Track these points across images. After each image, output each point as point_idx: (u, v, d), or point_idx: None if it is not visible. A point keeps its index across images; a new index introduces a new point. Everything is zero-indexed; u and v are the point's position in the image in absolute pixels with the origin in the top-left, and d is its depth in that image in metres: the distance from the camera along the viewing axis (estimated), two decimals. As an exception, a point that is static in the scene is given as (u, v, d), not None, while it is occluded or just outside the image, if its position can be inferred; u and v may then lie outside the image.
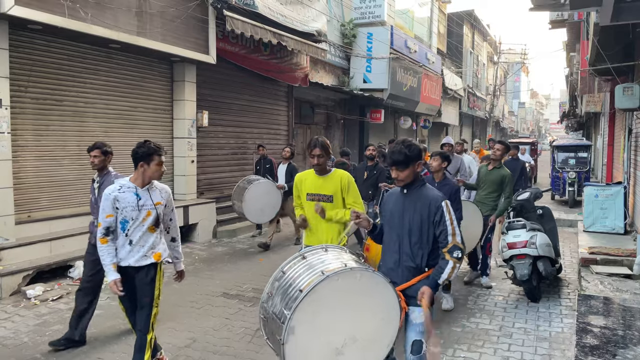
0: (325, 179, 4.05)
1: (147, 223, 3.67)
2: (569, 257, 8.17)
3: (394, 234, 3.12)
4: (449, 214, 2.99)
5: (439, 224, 2.99)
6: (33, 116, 7.00)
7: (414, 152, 3.00)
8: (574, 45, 18.58)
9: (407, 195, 3.10)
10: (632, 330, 4.62)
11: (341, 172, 4.09)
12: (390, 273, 3.11)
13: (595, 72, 11.18)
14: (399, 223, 3.10)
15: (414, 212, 3.05)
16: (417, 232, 3.04)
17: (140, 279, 3.69)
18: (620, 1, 4.89)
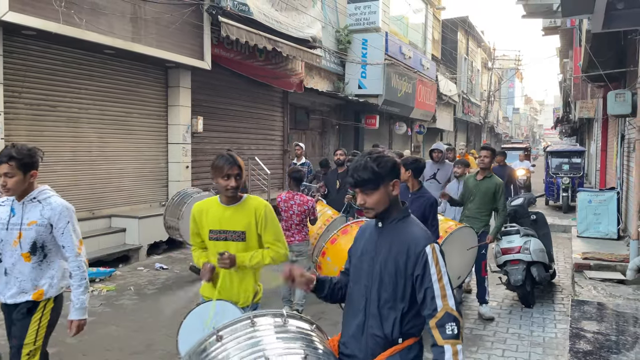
0: (235, 209, 3.00)
1: (19, 248, 2.91)
2: (562, 262, 8.20)
3: (361, 286, 2.17)
4: (436, 265, 2.05)
5: (421, 280, 2.04)
6: (27, 122, 6.98)
7: (386, 166, 2.09)
8: (567, 52, 18.73)
9: (381, 231, 2.18)
10: (625, 336, 4.64)
11: (256, 200, 3.10)
12: (350, 343, 2.18)
13: (588, 79, 11.28)
14: (369, 271, 2.15)
15: (387, 256, 2.12)
16: (390, 287, 2.09)
17: (16, 319, 2.94)
18: (611, 9, 4.94)
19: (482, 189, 5.66)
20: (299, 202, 5.41)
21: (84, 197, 7.76)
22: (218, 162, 2.95)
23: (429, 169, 7.49)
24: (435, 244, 2.11)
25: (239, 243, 3.01)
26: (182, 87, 9.29)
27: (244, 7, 9.52)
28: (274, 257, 3.06)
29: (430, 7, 22.26)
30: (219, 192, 3.10)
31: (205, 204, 3.12)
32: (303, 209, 5.39)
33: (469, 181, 5.86)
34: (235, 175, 2.93)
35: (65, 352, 4.60)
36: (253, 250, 3.04)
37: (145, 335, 4.97)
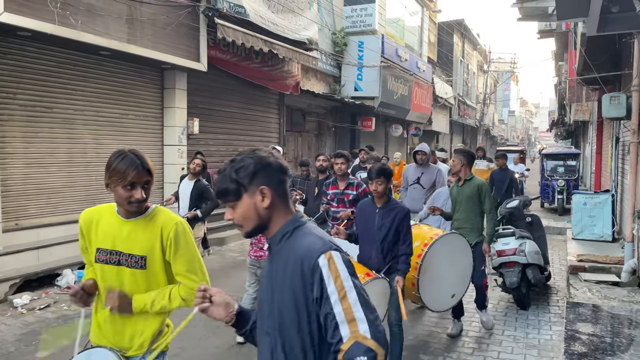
0: (135, 225, 2.26)
1: None
2: (557, 264, 8.22)
3: (264, 337, 1.69)
4: (336, 279, 1.51)
5: (320, 305, 1.53)
6: (22, 123, 6.95)
7: (246, 172, 1.63)
8: (563, 55, 18.81)
9: (272, 258, 1.69)
10: (619, 338, 4.65)
11: (165, 214, 2.31)
12: None
13: (583, 82, 11.33)
14: (269, 314, 1.66)
15: (283, 287, 1.60)
16: (293, 328, 1.59)
17: None
18: (606, 12, 4.96)
19: (465, 194, 5.15)
20: None
21: (80, 199, 7.73)
22: (118, 165, 2.18)
23: (413, 172, 7.12)
24: (335, 250, 1.56)
25: (136, 271, 2.24)
26: (178, 88, 9.28)
27: (240, 9, 9.53)
28: (186, 296, 2.25)
29: (427, 10, 22.33)
30: None
31: (96, 213, 2.36)
32: None
33: (453, 190, 5.37)
34: (144, 183, 2.20)
35: (60, 354, 4.56)
36: (156, 282, 2.29)
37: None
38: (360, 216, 4.30)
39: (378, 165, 4.17)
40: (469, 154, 5.32)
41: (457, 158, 5.28)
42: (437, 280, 4.61)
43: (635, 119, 6.77)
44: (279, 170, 1.68)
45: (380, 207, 4.11)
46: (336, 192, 5.59)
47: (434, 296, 4.61)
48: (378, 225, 4.06)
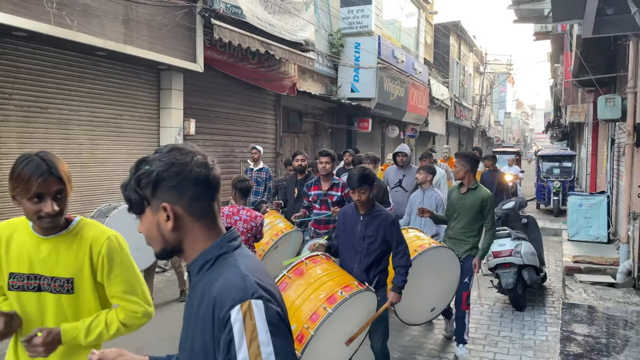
0: (56, 242, 1.93)
1: None
2: (553, 265, 8.24)
3: None
4: (251, 343, 1.13)
5: None
6: (17, 123, 6.92)
7: (146, 181, 1.27)
8: (558, 57, 18.89)
9: (191, 290, 1.35)
10: (615, 339, 4.66)
11: (95, 228, 2.01)
12: None
13: (579, 83, 11.38)
14: (185, 358, 1.37)
15: (193, 333, 1.29)
16: None
17: None
18: (601, 14, 4.98)
19: (467, 204, 4.68)
20: (246, 218, 4.45)
21: (74, 200, 7.70)
22: (22, 172, 1.84)
23: (394, 175, 6.88)
24: (259, 299, 1.16)
25: (62, 297, 1.90)
26: (174, 89, 9.26)
27: (237, 9, 9.52)
28: (126, 320, 1.94)
29: (423, 12, 22.37)
30: None
31: (5, 229, 1.97)
32: (250, 226, 4.44)
33: (452, 195, 4.92)
34: (55, 193, 1.85)
35: (54, 356, 4.55)
36: (87, 308, 1.94)
37: (135, 338, 4.92)
38: (342, 225, 3.84)
39: (358, 172, 3.64)
40: (473, 159, 4.74)
41: (459, 163, 4.71)
42: (416, 294, 4.19)
43: (630, 120, 6.81)
44: (197, 182, 1.25)
45: (363, 215, 3.70)
46: (319, 192, 5.31)
47: (409, 310, 4.19)
48: (361, 234, 3.65)
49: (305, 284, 3.29)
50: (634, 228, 6.38)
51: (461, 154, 4.85)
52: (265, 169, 8.37)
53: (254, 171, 8.38)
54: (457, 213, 4.77)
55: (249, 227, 4.45)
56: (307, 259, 3.57)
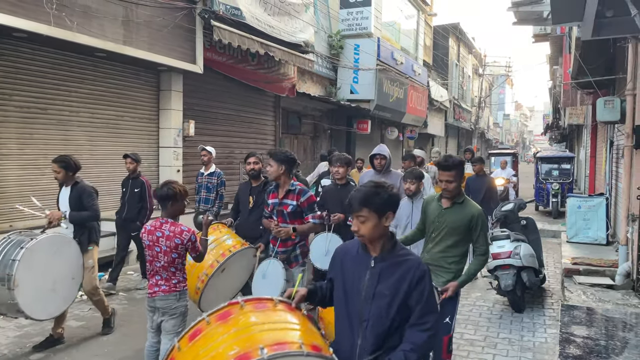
0: None
1: None
2: (552, 267, 8.25)
3: None
4: None
5: None
6: (17, 125, 6.92)
7: None
8: (557, 59, 18.92)
9: None
10: (614, 341, 4.67)
11: None
12: None
13: (578, 85, 11.40)
14: None
15: None
16: None
17: None
18: (601, 16, 4.99)
19: (450, 221, 3.61)
20: (169, 234, 3.59)
21: (74, 201, 7.70)
22: None
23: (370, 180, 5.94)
24: None
25: None
26: (174, 90, 9.27)
27: (237, 11, 9.53)
28: None
29: (422, 14, 22.40)
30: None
31: None
32: (174, 243, 3.58)
33: (429, 208, 3.78)
34: None
35: (53, 357, 4.55)
36: None
37: (134, 341, 4.92)
38: (337, 269, 2.47)
39: (363, 192, 2.32)
40: (461, 166, 3.60)
41: (447, 175, 3.57)
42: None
43: (629, 122, 6.82)
44: None
45: (377, 258, 2.35)
46: (275, 201, 4.43)
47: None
48: (369, 291, 2.32)
49: (231, 333, 2.11)
50: (633, 230, 6.38)
51: (448, 165, 3.58)
52: (217, 173, 7.36)
53: (204, 176, 7.41)
54: (437, 232, 3.67)
55: (172, 245, 3.58)
56: (245, 300, 2.26)
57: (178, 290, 3.68)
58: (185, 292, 3.75)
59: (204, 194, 7.33)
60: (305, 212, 4.36)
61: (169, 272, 3.66)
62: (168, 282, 3.66)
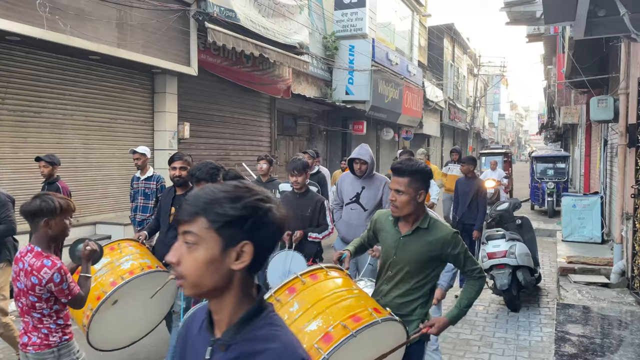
0: None
1: None
2: (548, 266, 8.27)
3: None
4: None
5: None
6: (10, 128, 6.89)
7: None
8: (551, 59, 19.01)
9: None
10: (609, 339, 4.69)
11: None
12: None
13: (572, 85, 11.46)
14: None
15: None
16: None
17: None
18: (593, 16, 5.01)
19: (413, 255, 2.68)
20: (27, 268, 2.61)
21: (69, 204, 7.68)
22: None
23: (349, 186, 5.01)
24: None
25: None
26: (169, 93, 9.25)
27: (231, 13, 9.52)
28: None
29: (417, 14, 22.46)
30: None
31: None
32: (30, 282, 2.59)
33: (383, 230, 2.86)
34: None
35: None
36: None
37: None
38: None
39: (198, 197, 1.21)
40: (423, 173, 2.65)
41: (401, 184, 2.65)
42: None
43: (622, 121, 6.85)
44: None
45: (218, 341, 1.21)
46: None
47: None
48: None
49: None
50: (627, 228, 6.41)
51: (401, 169, 2.65)
52: (155, 176, 6.43)
53: (141, 180, 6.38)
54: (394, 269, 2.73)
55: (29, 284, 2.60)
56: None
57: (53, 346, 2.67)
58: (68, 344, 2.74)
59: (142, 202, 6.32)
60: None
61: (33, 318, 2.66)
62: (38, 332, 2.66)
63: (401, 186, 2.62)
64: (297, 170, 4.48)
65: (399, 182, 2.62)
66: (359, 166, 4.90)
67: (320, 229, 4.54)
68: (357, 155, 4.90)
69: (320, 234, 4.53)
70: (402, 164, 2.68)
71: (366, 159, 4.87)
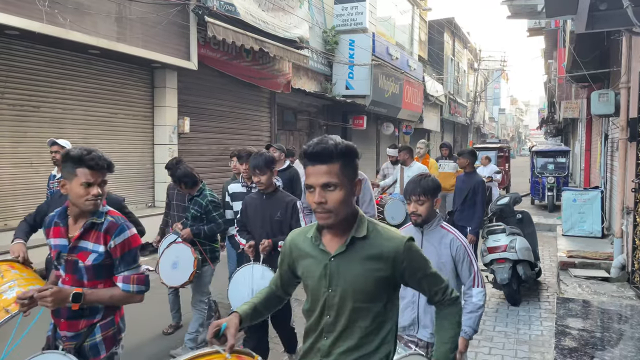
0: None
1: None
2: (548, 260, 8.28)
3: None
4: None
5: None
6: (10, 122, 6.88)
7: None
8: (552, 53, 18.96)
9: None
10: (609, 333, 4.69)
11: None
12: None
13: (572, 79, 11.43)
14: None
15: None
16: None
17: None
18: (594, 9, 4.99)
19: (350, 274, 1.83)
20: None
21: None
22: None
23: None
24: None
25: None
26: (169, 87, 9.23)
27: (231, 7, 9.49)
28: None
29: (417, 8, 22.38)
30: None
31: None
32: None
33: (303, 251, 1.97)
34: None
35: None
36: None
37: (133, 337, 4.91)
38: None
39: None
40: (343, 154, 1.83)
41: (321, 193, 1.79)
42: None
43: (623, 115, 6.83)
44: None
45: None
46: (60, 244, 2.51)
47: None
48: None
49: None
50: (628, 223, 6.41)
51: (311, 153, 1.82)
52: None
53: (57, 179, 5.16)
54: (330, 306, 1.88)
55: None
56: None
57: None
58: None
59: None
60: (117, 267, 2.48)
61: None
62: None
63: (332, 177, 1.75)
64: (258, 169, 3.78)
65: (326, 171, 1.75)
66: None
67: (280, 236, 3.74)
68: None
69: None
70: (322, 143, 1.79)
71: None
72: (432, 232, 2.87)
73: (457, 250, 2.81)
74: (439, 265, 2.74)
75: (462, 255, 2.81)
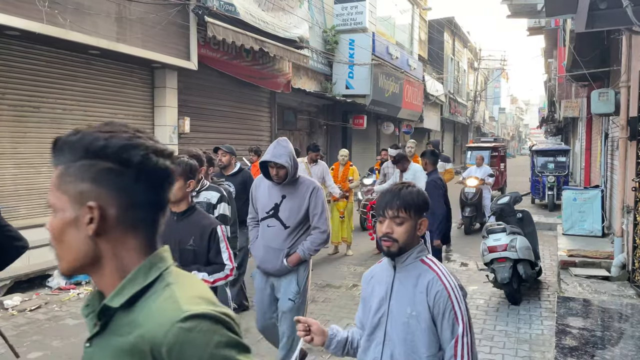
0: None
1: None
2: (548, 259, 8.28)
3: None
4: None
5: None
6: (10, 123, 6.88)
7: None
8: (552, 52, 18.95)
9: None
10: (610, 332, 4.69)
11: None
12: None
13: (572, 78, 11.43)
14: None
15: None
16: None
17: None
18: (594, 9, 4.99)
19: None
20: None
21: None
22: None
23: (265, 195, 3.91)
24: None
25: None
26: (169, 87, 9.23)
27: (231, 7, 9.49)
28: None
29: (417, 8, 22.38)
30: None
31: None
32: None
33: None
34: None
35: (51, 355, 4.55)
36: None
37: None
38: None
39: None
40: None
41: None
42: None
43: (623, 114, 6.83)
44: None
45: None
46: None
47: None
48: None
49: None
50: (628, 222, 6.41)
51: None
52: None
53: None
54: None
55: None
56: None
57: None
58: None
59: None
60: None
61: None
62: None
63: None
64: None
65: None
66: (275, 171, 3.65)
67: (211, 269, 3.03)
68: (270, 157, 3.62)
69: (210, 276, 2.97)
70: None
71: (283, 162, 3.59)
72: (407, 268, 1.98)
73: (437, 297, 1.90)
74: (409, 318, 1.92)
75: (442, 305, 1.90)
